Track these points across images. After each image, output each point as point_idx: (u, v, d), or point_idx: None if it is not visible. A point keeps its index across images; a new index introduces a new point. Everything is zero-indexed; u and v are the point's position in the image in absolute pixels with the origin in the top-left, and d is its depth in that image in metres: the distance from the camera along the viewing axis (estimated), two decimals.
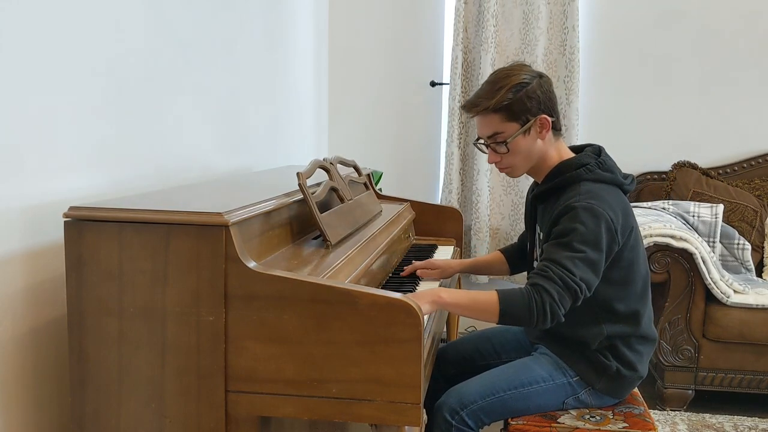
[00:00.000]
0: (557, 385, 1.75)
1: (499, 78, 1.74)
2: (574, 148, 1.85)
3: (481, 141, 1.80)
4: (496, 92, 1.71)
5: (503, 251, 2.15)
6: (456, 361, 2.01)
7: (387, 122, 3.80)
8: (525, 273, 3.16)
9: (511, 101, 1.70)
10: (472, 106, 1.75)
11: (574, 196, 1.67)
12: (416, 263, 2.05)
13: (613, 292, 1.72)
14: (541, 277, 1.60)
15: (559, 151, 1.79)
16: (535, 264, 1.85)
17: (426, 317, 1.58)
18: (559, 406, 1.76)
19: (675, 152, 3.47)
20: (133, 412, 1.35)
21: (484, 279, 3.65)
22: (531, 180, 1.93)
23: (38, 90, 1.46)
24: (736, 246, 3.16)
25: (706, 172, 3.37)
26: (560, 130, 1.80)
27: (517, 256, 2.12)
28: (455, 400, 1.71)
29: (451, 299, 1.60)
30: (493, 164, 1.80)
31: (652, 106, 3.56)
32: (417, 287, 1.93)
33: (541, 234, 1.80)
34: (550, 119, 1.73)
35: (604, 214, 1.63)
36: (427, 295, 1.59)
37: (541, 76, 1.75)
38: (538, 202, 1.83)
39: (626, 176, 1.78)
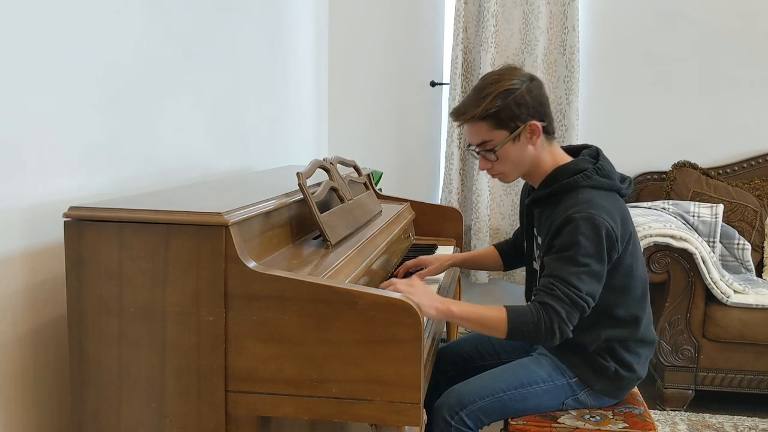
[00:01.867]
0: (556, 386, 1.75)
1: (486, 84, 1.69)
2: (570, 149, 1.82)
3: (472, 148, 1.76)
4: (482, 99, 1.66)
5: (497, 246, 2.14)
6: (456, 361, 2.01)
7: (387, 122, 3.80)
8: (523, 270, 3.12)
9: (499, 108, 1.65)
10: (459, 114, 1.72)
11: (574, 205, 1.64)
12: (407, 263, 2.05)
13: (614, 298, 1.71)
14: (548, 296, 1.59)
15: (553, 156, 1.75)
16: (535, 265, 1.85)
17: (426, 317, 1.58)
18: (558, 406, 1.76)
19: (675, 152, 3.47)
20: (133, 412, 1.35)
21: (483, 279, 3.65)
22: None
23: (38, 90, 1.46)
24: (736, 246, 3.16)
25: (706, 172, 3.37)
26: (553, 133, 1.76)
27: (511, 253, 2.11)
28: (455, 400, 1.71)
29: (460, 312, 1.57)
30: (485, 170, 1.78)
31: (652, 106, 3.56)
32: None
33: (539, 238, 1.79)
34: (540, 124, 1.69)
35: (605, 224, 1.61)
36: (438, 302, 1.57)
37: (532, 79, 1.71)
38: (534, 206, 1.81)
39: (624, 179, 1.76)
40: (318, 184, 1.78)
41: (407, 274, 2.04)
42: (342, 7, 3.73)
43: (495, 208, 3.63)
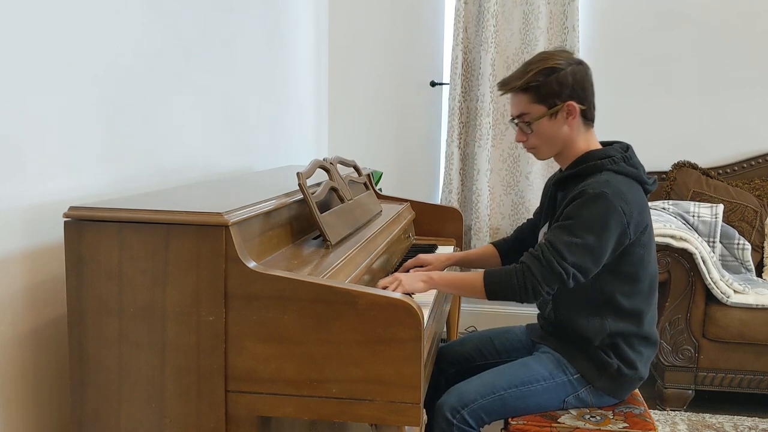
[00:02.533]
0: (557, 384, 1.75)
1: (534, 60, 1.77)
2: (602, 143, 1.86)
3: (514, 120, 1.82)
4: (526, 73, 1.74)
5: (495, 244, 2.14)
6: (457, 360, 2.01)
7: (387, 122, 3.80)
8: None
9: (540, 83, 1.72)
10: (503, 84, 1.79)
11: (591, 183, 1.68)
12: (407, 263, 2.05)
13: (619, 286, 1.73)
14: (530, 257, 1.67)
15: (587, 141, 1.80)
16: None
17: (426, 317, 1.58)
18: (560, 404, 1.76)
19: (675, 152, 3.46)
20: (133, 412, 1.35)
21: None
22: (531, 179, 1.93)
23: (38, 90, 1.46)
24: (736, 246, 3.16)
25: (706, 172, 3.37)
26: (592, 120, 1.81)
27: (511, 249, 2.11)
28: (456, 399, 1.71)
29: (441, 280, 1.75)
30: (520, 143, 1.84)
31: (652, 106, 3.56)
32: None
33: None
34: (578, 106, 1.74)
35: (615, 205, 1.64)
36: (419, 276, 1.74)
37: (579, 63, 1.77)
38: (558, 188, 1.84)
39: (650, 176, 1.80)
40: (318, 184, 1.78)
41: None
42: (342, 7, 3.73)
43: (495, 208, 3.62)
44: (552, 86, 1.72)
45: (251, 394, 1.31)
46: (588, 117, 1.79)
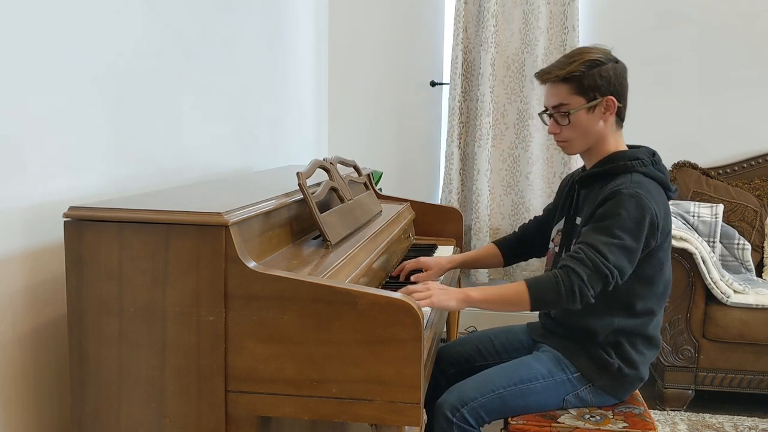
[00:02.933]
0: (557, 382, 1.75)
1: (576, 52, 1.78)
2: (628, 146, 1.87)
3: (547, 112, 1.82)
4: (569, 63, 1.74)
5: (497, 243, 2.14)
6: (457, 360, 2.01)
7: (387, 122, 3.80)
8: (523, 270, 3.17)
9: (582, 74, 1.73)
10: (543, 73, 1.79)
11: (624, 183, 1.68)
12: (406, 264, 2.03)
13: (637, 288, 1.73)
14: (572, 260, 1.62)
15: (617, 141, 1.81)
16: (556, 249, 1.87)
17: (426, 316, 1.58)
18: (559, 403, 1.76)
19: (675, 152, 3.46)
20: (133, 412, 1.35)
21: (484, 278, 3.65)
22: (531, 179, 1.93)
23: (38, 90, 1.46)
24: (736, 246, 3.16)
25: (706, 172, 3.38)
26: (623, 120, 1.82)
27: (514, 247, 2.11)
28: (455, 398, 1.71)
29: (480, 296, 1.63)
30: (552, 135, 1.83)
31: (652, 106, 3.56)
32: None
33: (578, 219, 1.82)
34: (616, 103, 1.76)
35: (650, 207, 1.65)
36: (453, 293, 1.62)
37: (617, 61, 1.78)
38: (581, 186, 1.84)
39: (672, 181, 1.81)
40: (318, 184, 1.78)
41: (407, 278, 2.03)
42: (342, 7, 3.73)
43: (495, 208, 3.62)
44: (594, 79, 1.73)
45: (251, 394, 1.31)
46: (621, 116, 1.81)
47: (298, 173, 1.62)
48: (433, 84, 3.72)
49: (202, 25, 2.21)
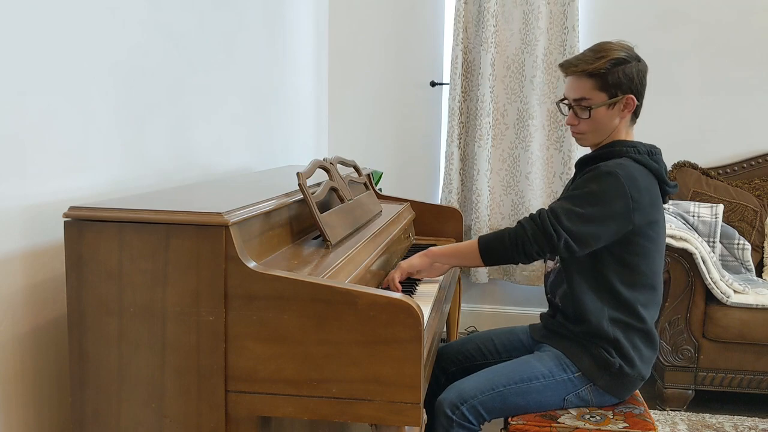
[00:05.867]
0: (557, 382, 1.75)
1: (604, 48, 1.79)
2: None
3: (566, 101, 1.84)
4: (597, 59, 1.76)
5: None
6: (457, 360, 2.01)
7: (387, 122, 3.80)
8: (524, 271, 3.16)
9: (608, 71, 1.75)
10: (569, 65, 1.81)
11: (608, 163, 1.73)
12: (390, 276, 1.88)
13: (619, 271, 1.75)
14: (526, 218, 1.74)
15: (628, 136, 1.85)
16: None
17: (426, 317, 1.58)
18: (560, 403, 1.76)
19: (675, 152, 3.46)
20: (133, 412, 1.35)
21: (483, 279, 3.65)
22: (531, 179, 1.94)
23: (39, 90, 1.46)
24: (736, 246, 3.16)
25: (706, 172, 3.38)
26: (638, 116, 1.85)
27: None
28: (455, 395, 1.72)
29: (439, 251, 1.86)
30: (569, 127, 1.86)
31: (652, 105, 3.54)
32: (416, 287, 1.93)
33: None
34: (636, 102, 1.79)
35: (625, 186, 1.67)
36: (420, 254, 1.87)
37: (639, 60, 1.81)
38: (579, 169, 1.88)
39: (672, 180, 1.83)
40: (318, 184, 1.78)
41: (407, 280, 2.03)
42: (342, 7, 3.73)
43: (495, 208, 3.62)
44: (619, 77, 1.76)
45: (251, 394, 1.31)
46: (636, 114, 1.84)
47: (298, 173, 1.62)
48: (433, 84, 3.72)
49: (203, 26, 2.21)
